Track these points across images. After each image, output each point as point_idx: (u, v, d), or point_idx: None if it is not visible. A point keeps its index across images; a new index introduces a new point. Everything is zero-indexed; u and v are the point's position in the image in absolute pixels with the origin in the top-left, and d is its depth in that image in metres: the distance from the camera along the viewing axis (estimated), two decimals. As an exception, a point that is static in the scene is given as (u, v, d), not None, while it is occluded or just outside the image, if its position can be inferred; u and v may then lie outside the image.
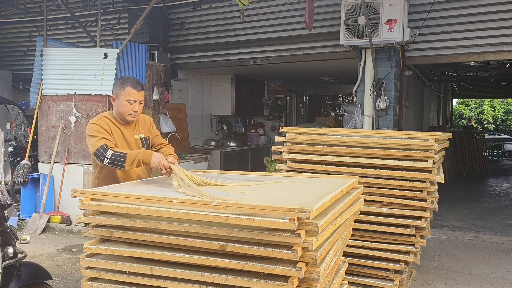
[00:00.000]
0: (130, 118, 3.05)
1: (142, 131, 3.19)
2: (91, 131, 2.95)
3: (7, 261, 2.55)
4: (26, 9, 8.39)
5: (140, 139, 3.15)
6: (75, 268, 4.65)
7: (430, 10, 5.71)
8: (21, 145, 7.67)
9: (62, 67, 6.42)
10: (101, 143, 2.85)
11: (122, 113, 3.03)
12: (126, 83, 3.02)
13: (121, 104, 3.01)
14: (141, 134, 3.16)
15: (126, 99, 2.99)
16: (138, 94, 3.02)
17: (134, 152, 2.83)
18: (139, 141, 3.14)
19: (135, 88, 3.01)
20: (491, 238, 5.88)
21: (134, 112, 3.02)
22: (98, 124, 2.97)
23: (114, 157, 2.79)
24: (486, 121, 26.68)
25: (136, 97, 3.01)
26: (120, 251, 2.15)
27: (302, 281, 1.95)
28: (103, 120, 3.02)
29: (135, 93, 3.00)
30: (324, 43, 6.61)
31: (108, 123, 3.02)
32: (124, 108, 3.01)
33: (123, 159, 2.79)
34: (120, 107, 3.02)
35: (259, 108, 10.96)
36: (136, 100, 3.01)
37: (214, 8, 7.49)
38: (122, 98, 3.00)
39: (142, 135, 3.16)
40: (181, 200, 2.02)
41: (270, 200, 2.15)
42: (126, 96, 2.99)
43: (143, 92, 3.07)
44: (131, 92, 2.99)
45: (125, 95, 2.99)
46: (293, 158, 3.76)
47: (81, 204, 2.18)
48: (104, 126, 2.96)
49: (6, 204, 2.65)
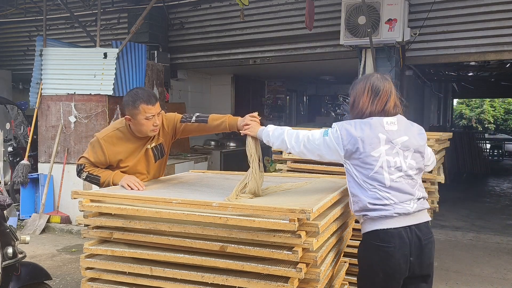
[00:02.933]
0: (153, 133, 2.84)
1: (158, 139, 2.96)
2: (89, 146, 2.85)
3: (6, 261, 2.54)
4: (25, 9, 8.39)
5: (151, 149, 2.94)
6: (75, 269, 4.65)
7: (430, 9, 5.70)
8: (21, 145, 7.67)
9: (61, 67, 6.41)
10: (83, 162, 2.79)
11: (142, 131, 2.80)
12: (138, 100, 2.72)
13: (139, 123, 2.74)
14: (153, 143, 2.93)
15: (143, 117, 2.71)
16: (155, 108, 2.75)
17: (108, 175, 2.73)
18: (150, 152, 2.93)
19: (150, 102, 2.73)
20: (492, 238, 5.88)
21: (155, 127, 2.78)
22: (99, 142, 2.79)
23: (88, 179, 2.78)
24: (486, 121, 26.69)
25: (154, 111, 2.74)
26: (120, 251, 2.15)
27: (302, 281, 1.95)
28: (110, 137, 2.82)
29: (151, 108, 2.71)
30: (324, 43, 6.61)
31: (115, 139, 2.82)
32: (144, 126, 2.74)
33: (97, 182, 2.76)
34: (139, 126, 2.75)
35: (259, 108, 10.95)
36: (154, 115, 2.75)
37: (214, 8, 7.48)
38: (139, 118, 2.72)
39: (153, 144, 2.94)
40: (181, 201, 2.02)
41: (271, 201, 2.15)
42: (143, 114, 2.70)
43: (158, 103, 2.77)
44: (147, 109, 2.70)
45: (142, 113, 2.70)
46: (293, 158, 3.75)
47: (81, 205, 2.17)
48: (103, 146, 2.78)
49: (5, 204, 2.64)
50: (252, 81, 10.44)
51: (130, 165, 2.85)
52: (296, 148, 2.35)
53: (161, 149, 3.01)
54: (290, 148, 2.38)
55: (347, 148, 2.20)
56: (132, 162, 2.86)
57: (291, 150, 2.39)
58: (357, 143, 2.18)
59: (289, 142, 2.37)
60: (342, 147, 2.21)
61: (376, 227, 2.20)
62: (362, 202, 2.20)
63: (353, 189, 2.26)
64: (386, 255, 2.18)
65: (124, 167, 2.82)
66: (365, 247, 2.28)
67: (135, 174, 2.83)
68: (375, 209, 2.18)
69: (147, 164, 2.94)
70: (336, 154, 2.24)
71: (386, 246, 2.18)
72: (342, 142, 2.21)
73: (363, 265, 2.32)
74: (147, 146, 2.92)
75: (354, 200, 2.26)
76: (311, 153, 2.33)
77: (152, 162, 2.96)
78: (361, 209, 2.22)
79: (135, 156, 2.89)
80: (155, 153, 2.96)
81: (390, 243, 2.18)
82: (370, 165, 2.18)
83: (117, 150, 2.82)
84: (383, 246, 2.18)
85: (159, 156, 3.00)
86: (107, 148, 2.79)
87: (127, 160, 2.85)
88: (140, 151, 2.91)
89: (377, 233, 2.20)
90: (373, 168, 2.18)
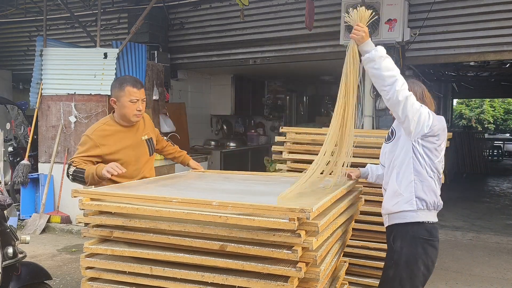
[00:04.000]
0: (136, 119, 2.92)
1: (147, 131, 3.07)
2: (80, 142, 2.88)
3: (7, 261, 2.54)
4: (26, 9, 8.39)
5: (145, 140, 3.03)
6: (75, 268, 4.65)
7: (430, 10, 5.70)
8: (21, 145, 7.67)
9: (62, 67, 6.42)
10: (72, 160, 2.79)
11: (126, 115, 2.89)
12: (125, 83, 2.87)
13: (123, 106, 2.86)
14: (145, 135, 3.03)
15: (128, 99, 2.84)
16: (139, 92, 2.88)
17: (92, 167, 2.73)
18: (145, 143, 3.02)
19: (135, 86, 2.87)
20: (492, 238, 5.88)
21: (138, 112, 2.88)
22: (89, 137, 2.85)
23: (75, 173, 2.74)
24: (486, 121, 26.68)
25: (138, 96, 2.87)
26: (120, 251, 2.15)
27: (302, 281, 1.95)
28: (99, 131, 2.88)
29: (136, 92, 2.86)
30: (324, 43, 6.61)
31: (106, 132, 2.89)
32: (127, 109, 2.86)
33: (82, 175, 2.73)
34: (123, 108, 2.87)
35: (259, 108, 10.96)
36: (138, 99, 2.87)
37: (214, 8, 7.48)
38: (123, 100, 2.85)
39: (146, 137, 3.04)
40: (181, 200, 2.02)
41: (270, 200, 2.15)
42: (128, 97, 2.84)
43: (143, 89, 2.94)
44: (132, 91, 2.85)
45: (126, 95, 2.84)
46: (293, 158, 3.76)
47: (81, 204, 2.18)
48: (95, 140, 2.83)
49: (6, 204, 2.64)
50: (252, 81, 10.43)
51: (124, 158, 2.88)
52: (401, 93, 2.21)
53: (152, 144, 3.09)
54: (395, 90, 2.21)
55: (433, 129, 2.31)
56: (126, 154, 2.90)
57: (393, 93, 2.21)
58: (440, 130, 2.34)
59: (400, 83, 2.22)
60: (429, 126, 2.30)
61: (426, 219, 2.29)
62: (426, 187, 2.30)
63: (417, 172, 2.33)
64: (432, 249, 2.26)
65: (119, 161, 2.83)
66: (409, 241, 2.32)
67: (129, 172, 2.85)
68: (434, 199, 2.31)
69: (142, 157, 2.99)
70: (419, 128, 2.28)
71: (433, 240, 2.26)
72: (432, 122, 2.31)
73: (402, 258, 2.32)
74: (141, 137, 3.00)
75: (417, 183, 2.32)
76: (406, 109, 2.21)
77: (147, 155, 3.03)
78: (419, 197, 2.27)
79: (134, 145, 2.96)
80: (148, 145, 3.03)
81: (436, 237, 2.30)
82: (438, 154, 2.35)
83: (109, 141, 2.87)
84: (430, 240, 2.26)
85: (152, 151, 3.07)
86: (98, 141, 2.85)
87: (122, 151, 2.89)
88: (137, 140, 2.98)
89: (424, 226, 2.27)
90: (438, 156, 2.35)
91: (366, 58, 2.26)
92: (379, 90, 2.31)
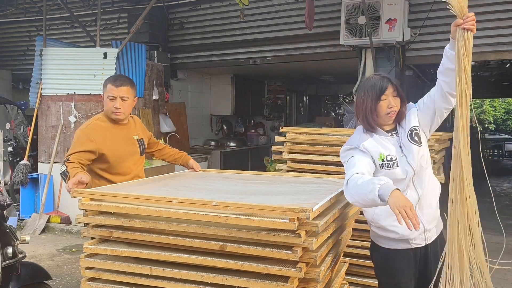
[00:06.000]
0: (114, 116, 2.92)
1: (139, 132, 3.12)
2: (74, 139, 2.92)
3: (6, 261, 2.54)
4: (25, 9, 8.39)
5: (137, 140, 3.07)
6: (75, 268, 4.65)
7: (430, 9, 5.70)
8: (21, 145, 7.67)
9: (61, 67, 6.41)
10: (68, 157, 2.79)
11: (106, 111, 2.94)
12: (108, 80, 2.94)
13: (104, 102, 2.93)
14: (136, 135, 3.07)
15: (106, 95, 2.89)
16: (117, 90, 2.87)
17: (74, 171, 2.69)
18: (136, 142, 3.06)
19: (114, 83, 2.88)
20: (492, 238, 5.86)
21: (115, 109, 2.88)
22: (82, 131, 2.89)
23: (62, 175, 2.84)
24: (486, 121, 26.66)
25: (116, 93, 2.86)
26: (119, 251, 2.14)
27: (302, 281, 1.95)
28: (92, 126, 2.92)
29: (114, 89, 2.86)
30: (324, 43, 6.60)
31: (98, 127, 2.92)
32: (106, 105, 2.91)
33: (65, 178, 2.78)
34: (105, 105, 2.94)
35: (259, 108, 10.96)
36: (115, 97, 2.87)
37: (214, 8, 7.48)
38: (104, 96, 2.92)
39: (137, 136, 3.08)
40: (180, 200, 2.01)
41: (269, 200, 2.14)
42: (107, 93, 2.89)
43: (125, 88, 2.90)
44: (110, 88, 2.88)
45: (106, 92, 2.89)
46: (293, 158, 3.75)
47: (81, 204, 2.17)
48: (89, 134, 2.85)
49: (5, 204, 2.64)
50: (252, 81, 10.43)
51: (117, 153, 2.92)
52: None
53: (143, 145, 3.13)
54: None
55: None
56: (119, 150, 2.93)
57: None
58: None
59: None
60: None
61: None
62: None
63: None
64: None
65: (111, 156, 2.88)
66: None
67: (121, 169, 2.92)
68: None
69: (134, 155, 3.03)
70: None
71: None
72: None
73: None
74: (133, 136, 3.05)
75: None
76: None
77: (138, 154, 3.07)
78: None
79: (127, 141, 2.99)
80: (140, 145, 3.08)
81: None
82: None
83: (102, 136, 2.90)
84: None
85: (142, 151, 3.11)
86: (91, 135, 2.87)
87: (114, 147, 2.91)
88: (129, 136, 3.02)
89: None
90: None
91: None
92: None
